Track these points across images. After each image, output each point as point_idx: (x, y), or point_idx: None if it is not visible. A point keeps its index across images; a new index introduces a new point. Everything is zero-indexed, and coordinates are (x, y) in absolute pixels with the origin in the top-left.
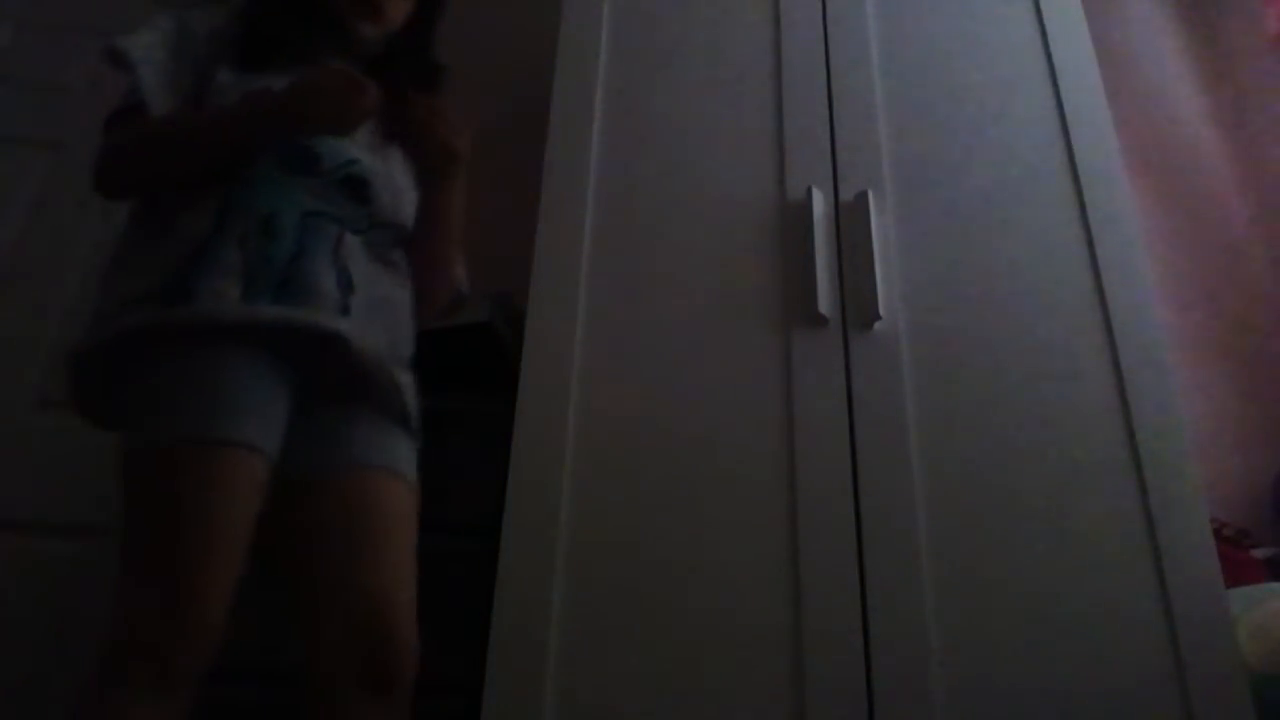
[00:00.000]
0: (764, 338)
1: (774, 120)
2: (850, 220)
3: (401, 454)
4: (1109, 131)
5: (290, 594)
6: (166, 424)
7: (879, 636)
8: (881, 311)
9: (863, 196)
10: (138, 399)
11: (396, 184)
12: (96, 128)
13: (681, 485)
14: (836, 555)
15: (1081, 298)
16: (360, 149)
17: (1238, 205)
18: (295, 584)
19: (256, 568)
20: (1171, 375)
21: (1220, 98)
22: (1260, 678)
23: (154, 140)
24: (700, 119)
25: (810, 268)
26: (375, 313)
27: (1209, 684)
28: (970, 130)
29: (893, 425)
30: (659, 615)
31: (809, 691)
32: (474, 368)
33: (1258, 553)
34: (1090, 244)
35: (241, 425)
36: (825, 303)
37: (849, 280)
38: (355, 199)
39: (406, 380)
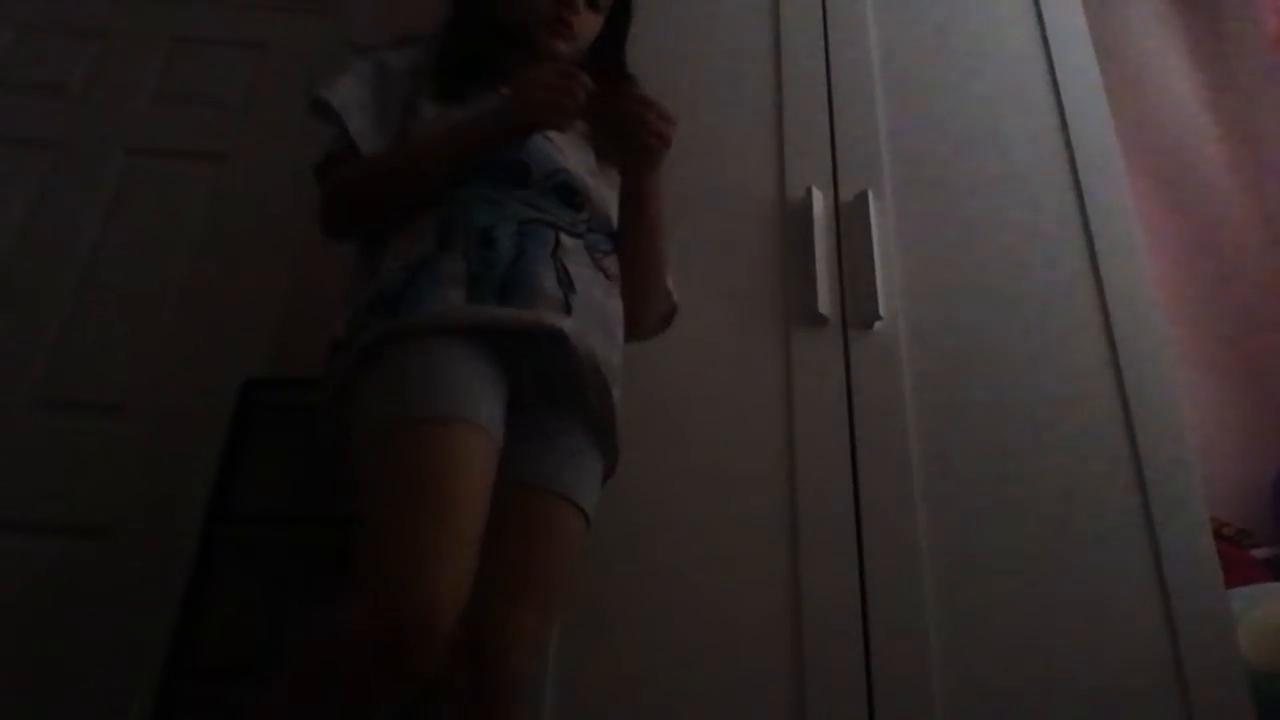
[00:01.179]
0: (764, 338)
1: (774, 120)
2: (850, 220)
3: (587, 484)
4: (1109, 131)
5: None
6: (406, 406)
7: (879, 636)
8: (881, 311)
9: (863, 196)
10: (372, 391)
11: (604, 193)
12: (96, 128)
13: (681, 484)
14: (836, 554)
15: (1081, 297)
16: (568, 159)
17: (1238, 205)
18: None
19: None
20: (1172, 375)
21: (1220, 98)
22: (1260, 678)
23: (375, 176)
24: (700, 119)
25: (810, 268)
26: (593, 316)
27: (1209, 684)
28: (970, 130)
29: (893, 425)
30: (659, 613)
31: (809, 690)
32: None
33: (1258, 553)
34: (1090, 243)
35: (477, 408)
36: (825, 303)
37: (849, 280)
38: (569, 205)
39: (616, 394)
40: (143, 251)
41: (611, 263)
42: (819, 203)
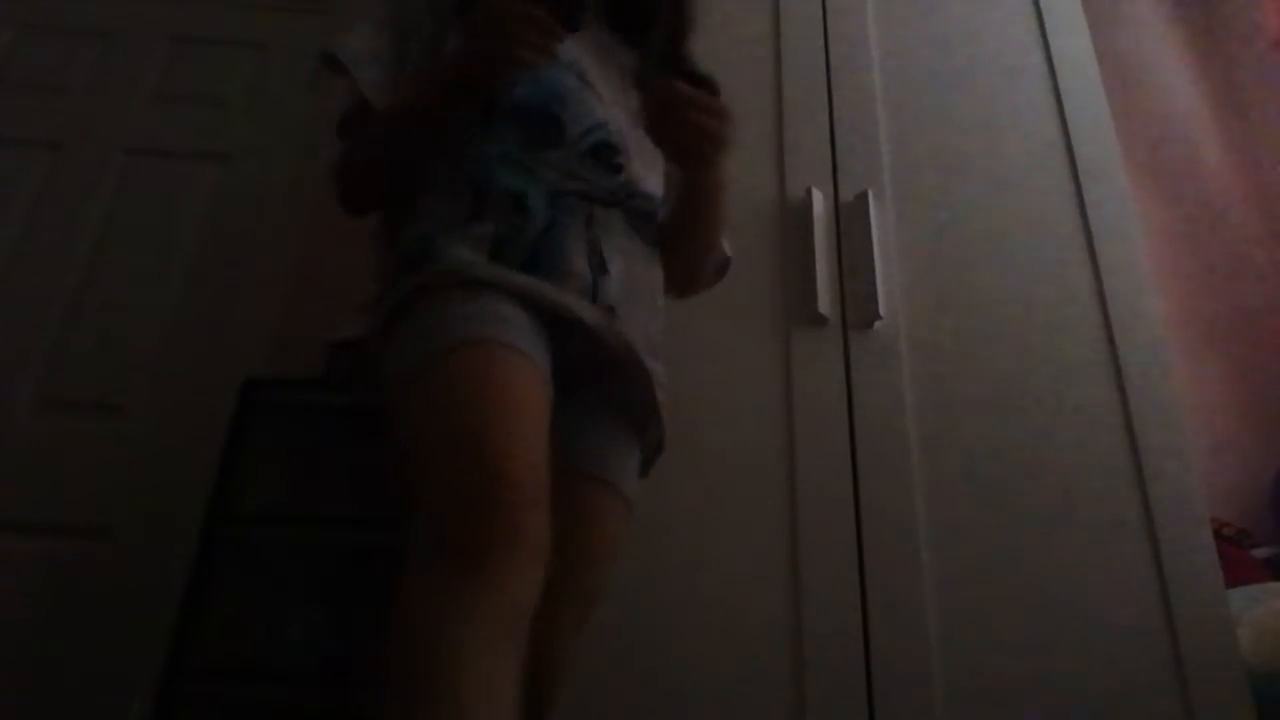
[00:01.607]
0: (764, 338)
1: (774, 120)
2: (850, 220)
3: (630, 468)
4: (1109, 131)
5: None
6: (433, 342)
7: (879, 636)
8: (881, 311)
9: (863, 197)
10: (398, 348)
11: (648, 149)
12: (96, 128)
13: (682, 483)
14: (836, 554)
15: (1081, 298)
16: (606, 106)
17: (1237, 204)
18: None
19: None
20: (1171, 375)
21: (1220, 98)
22: (1260, 677)
23: (371, 141)
24: None
25: (810, 268)
26: (630, 293)
27: (1209, 684)
28: (970, 130)
29: (892, 424)
30: (659, 612)
31: (809, 690)
32: None
33: (1258, 553)
34: (1090, 244)
35: (518, 336)
36: (825, 303)
37: (849, 280)
38: (606, 168)
39: (657, 368)
40: (143, 252)
41: (651, 229)
42: (819, 203)
